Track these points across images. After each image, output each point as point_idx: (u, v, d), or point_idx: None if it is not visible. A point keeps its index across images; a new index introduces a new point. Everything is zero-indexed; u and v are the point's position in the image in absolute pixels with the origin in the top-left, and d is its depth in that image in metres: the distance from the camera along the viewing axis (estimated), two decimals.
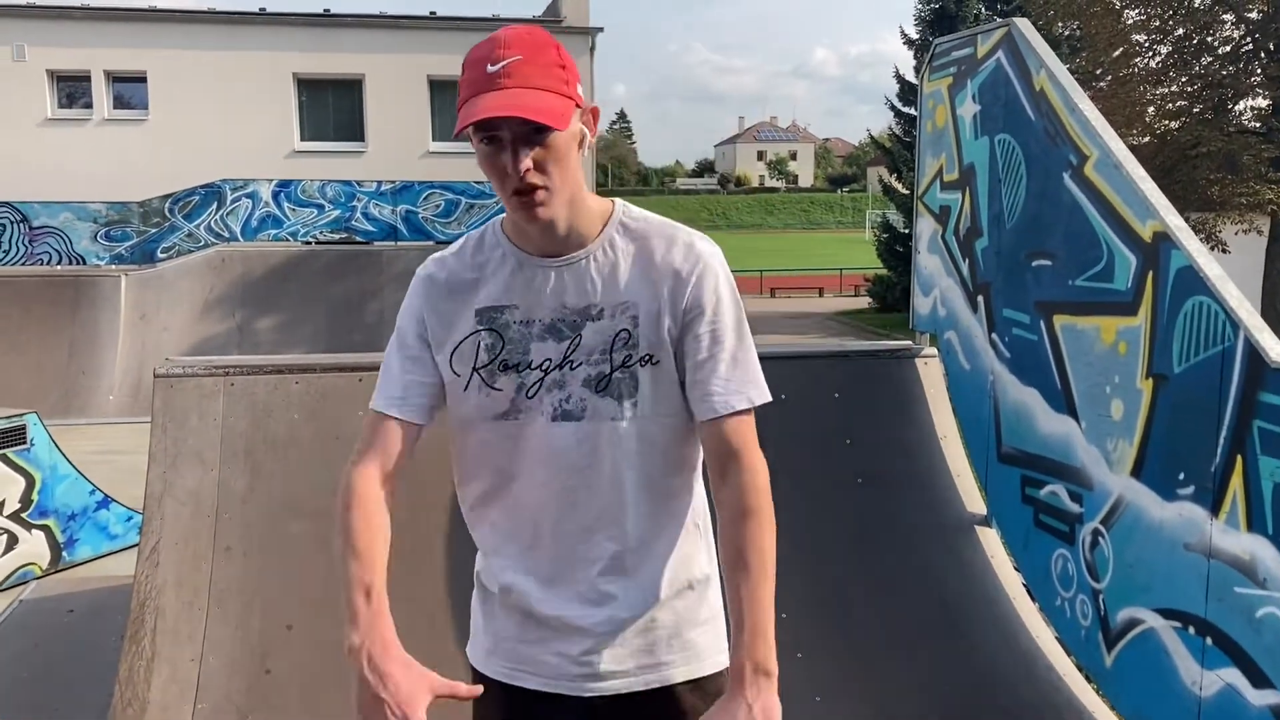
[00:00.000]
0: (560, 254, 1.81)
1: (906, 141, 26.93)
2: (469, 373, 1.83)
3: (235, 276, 15.89)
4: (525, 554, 1.87)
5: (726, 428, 1.78)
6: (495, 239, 1.89)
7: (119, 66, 21.38)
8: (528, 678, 1.90)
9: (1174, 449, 3.48)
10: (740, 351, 1.81)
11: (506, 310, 1.83)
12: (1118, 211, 3.72)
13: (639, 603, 1.86)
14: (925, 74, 5.16)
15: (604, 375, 1.79)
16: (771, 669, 1.69)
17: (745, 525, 1.74)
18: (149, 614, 3.83)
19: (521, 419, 1.81)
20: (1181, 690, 3.44)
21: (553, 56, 1.69)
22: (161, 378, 4.17)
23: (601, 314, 1.79)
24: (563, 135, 1.68)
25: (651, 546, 1.85)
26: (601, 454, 1.80)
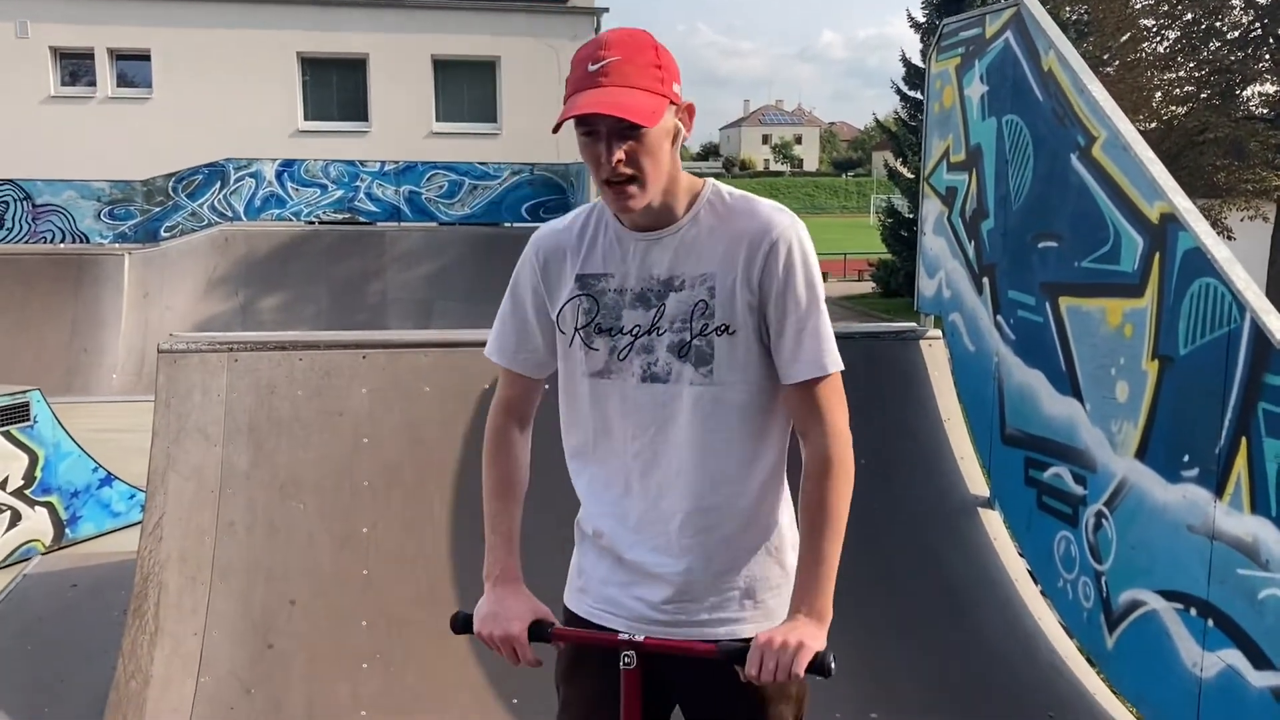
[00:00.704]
0: (654, 228, 1.96)
1: (912, 126, 26.81)
2: (572, 332, 2.01)
3: (238, 256, 15.87)
4: (617, 503, 2.03)
5: (808, 392, 1.93)
6: (601, 213, 2.03)
7: (122, 44, 21.30)
8: (611, 618, 2.04)
9: (1178, 431, 3.48)
10: (811, 319, 1.92)
11: (603, 278, 1.99)
12: (1125, 193, 3.70)
13: (715, 559, 1.99)
14: (933, 54, 5.13)
15: (685, 342, 1.93)
16: (826, 616, 1.87)
17: (822, 482, 1.91)
18: (152, 588, 3.84)
19: (613, 378, 1.98)
20: (1182, 671, 3.45)
21: (650, 57, 1.83)
22: (165, 353, 4.17)
23: (682, 285, 1.94)
24: (653, 131, 1.81)
25: (729, 506, 1.98)
26: (682, 415, 1.94)
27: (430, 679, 3.84)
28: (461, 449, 4.29)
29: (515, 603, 2.01)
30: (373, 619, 3.95)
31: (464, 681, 3.85)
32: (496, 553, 2.07)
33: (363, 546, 4.08)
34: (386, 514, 4.15)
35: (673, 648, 1.94)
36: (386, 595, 4.01)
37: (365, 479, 4.18)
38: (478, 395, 4.39)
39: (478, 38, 21.95)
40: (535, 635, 1.98)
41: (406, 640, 3.93)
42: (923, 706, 3.93)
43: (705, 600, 1.99)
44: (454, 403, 4.35)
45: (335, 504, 4.13)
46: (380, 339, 4.60)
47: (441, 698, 3.80)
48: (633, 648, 1.91)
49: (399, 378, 4.35)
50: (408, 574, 4.07)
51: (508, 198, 17.17)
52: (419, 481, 4.23)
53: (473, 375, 4.41)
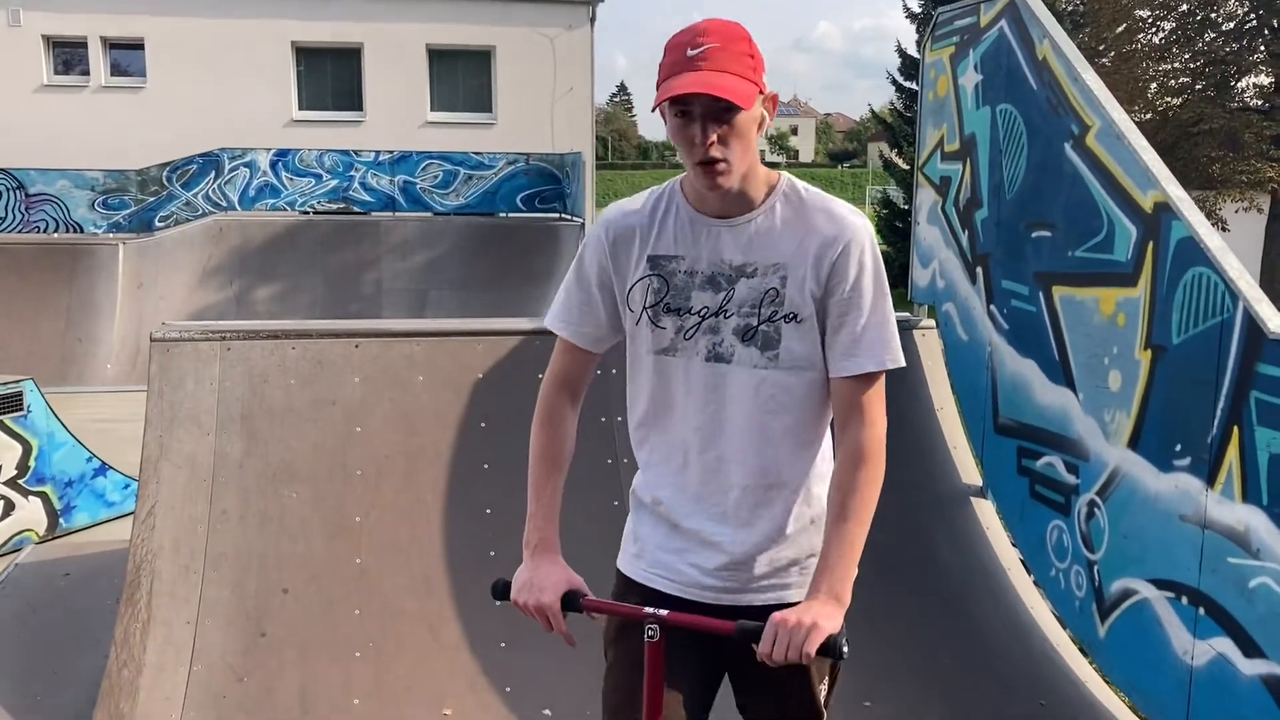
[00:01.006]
0: (728, 215, 2.04)
1: (908, 117, 26.81)
2: (640, 310, 2.09)
3: (233, 246, 15.82)
4: (676, 474, 2.12)
5: (854, 386, 2.02)
6: (673, 197, 2.10)
7: (116, 33, 21.18)
8: (664, 582, 2.15)
9: (1171, 420, 3.48)
10: (879, 318, 2.01)
11: (674, 260, 2.07)
12: (1119, 182, 3.70)
13: (767, 531, 2.09)
14: (927, 43, 5.12)
15: (751, 327, 2.03)
16: (845, 597, 1.94)
17: (854, 472, 1.98)
18: (145, 577, 3.83)
19: (678, 356, 2.07)
20: (1173, 660, 3.46)
21: (744, 47, 1.91)
22: (158, 342, 4.16)
23: (755, 272, 2.02)
24: (746, 115, 1.90)
25: (782, 483, 2.08)
26: (742, 395, 2.04)
27: (423, 667, 3.84)
28: (454, 438, 4.28)
29: (550, 571, 2.06)
30: (365, 607, 3.95)
31: (457, 670, 3.85)
32: (536, 521, 2.13)
33: (355, 535, 4.07)
34: (379, 503, 4.15)
35: (693, 624, 2.01)
36: (379, 584, 4.01)
37: (358, 468, 4.18)
38: (470, 384, 4.39)
39: (473, 27, 21.85)
40: (568, 605, 2.04)
41: (399, 629, 3.93)
42: (916, 695, 3.94)
43: (757, 569, 2.10)
44: (446, 392, 4.35)
45: (328, 493, 4.12)
46: (373, 328, 4.60)
47: (435, 686, 3.80)
48: (656, 622, 1.97)
49: (391, 367, 4.35)
50: (400, 563, 4.07)
51: (503, 188, 17.12)
52: (411, 470, 4.23)
53: (465, 364, 4.41)
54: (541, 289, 15.23)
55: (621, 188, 71.69)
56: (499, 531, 4.17)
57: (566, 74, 21.78)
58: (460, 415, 4.33)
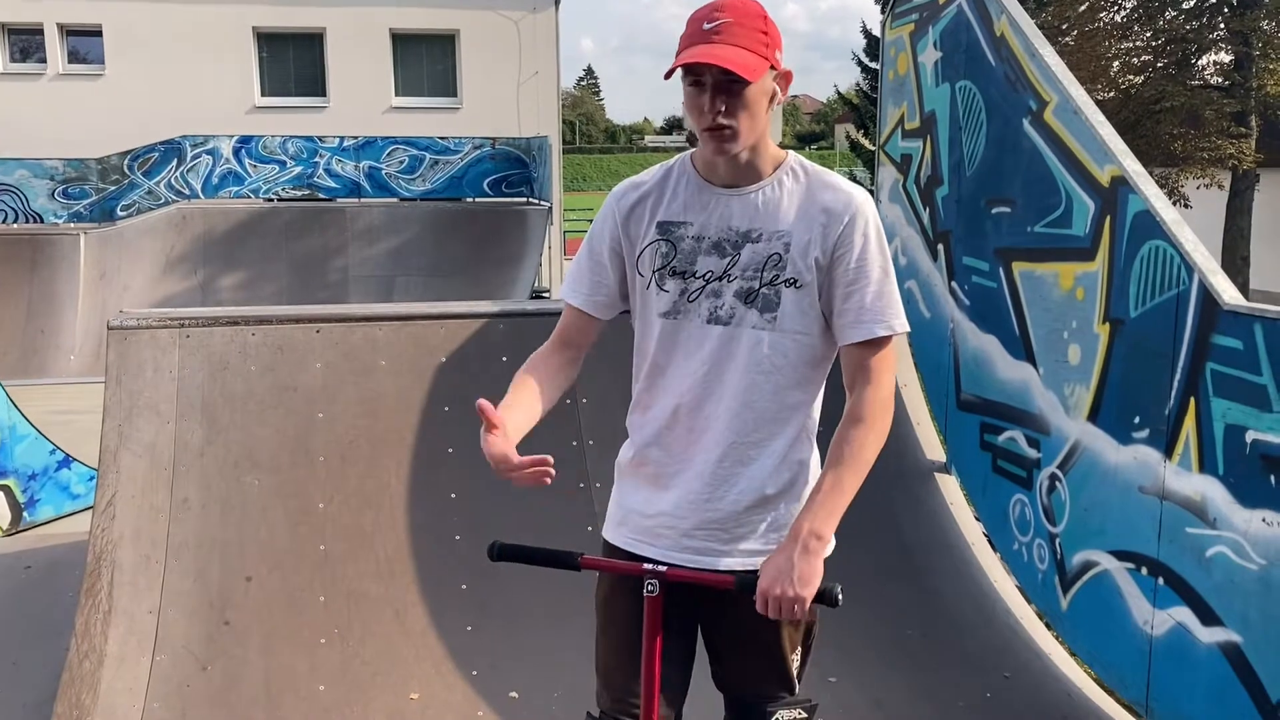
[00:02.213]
0: (737, 185, 2.12)
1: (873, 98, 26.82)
2: (650, 274, 2.16)
3: (197, 234, 15.68)
4: (664, 432, 2.17)
5: (863, 351, 2.08)
6: (682, 168, 2.19)
7: (73, 19, 20.86)
8: (647, 547, 2.19)
9: (1129, 393, 3.51)
10: (886, 285, 2.08)
11: (682, 226, 2.15)
12: (1076, 157, 3.72)
13: (750, 491, 2.14)
14: (888, 21, 5.13)
15: (753, 290, 2.09)
16: (825, 535, 1.97)
17: (854, 428, 2.04)
18: (105, 567, 3.79)
19: (680, 319, 2.14)
20: (1134, 630, 3.50)
21: (759, 24, 2.00)
22: (116, 330, 4.11)
23: (760, 238, 2.10)
24: (754, 88, 1.98)
25: (768, 445, 2.14)
26: (739, 356, 2.10)
27: (388, 653, 3.82)
28: (418, 422, 4.26)
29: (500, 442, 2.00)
30: (330, 594, 3.93)
31: (423, 655, 3.83)
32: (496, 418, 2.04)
33: (319, 522, 4.05)
34: (343, 489, 4.12)
35: (693, 579, 2.07)
36: (343, 570, 3.99)
37: (321, 454, 4.15)
38: (433, 368, 4.36)
39: (437, 11, 21.67)
40: (564, 564, 2.08)
41: (364, 614, 3.91)
42: (881, 669, 3.96)
43: (732, 530, 2.14)
44: (409, 376, 4.32)
45: (291, 479, 4.09)
46: (334, 313, 4.56)
47: (400, 671, 3.78)
48: (656, 577, 2.03)
49: (353, 351, 4.31)
50: (365, 549, 4.04)
51: (469, 172, 17.04)
52: (375, 456, 4.20)
53: (429, 348, 4.38)
54: (510, 273, 15.18)
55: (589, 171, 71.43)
56: (464, 515, 4.15)
57: (532, 57, 21.66)
58: (423, 399, 4.31)
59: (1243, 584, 3.04)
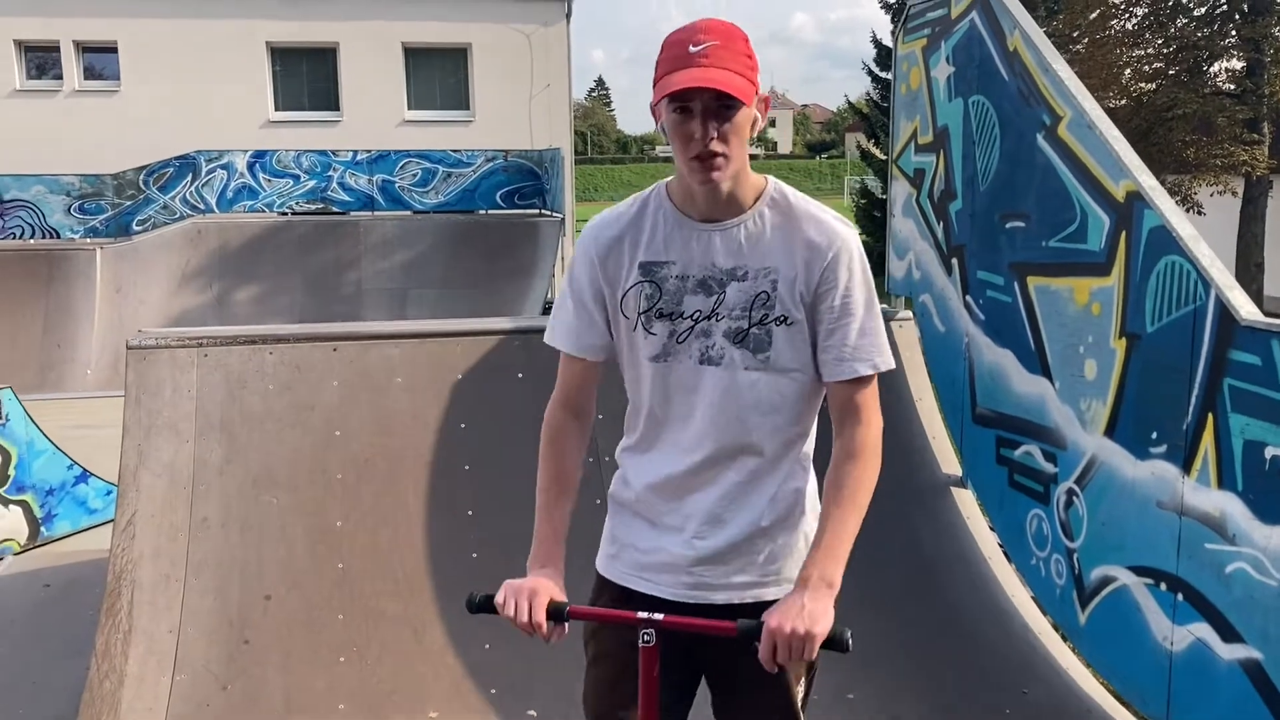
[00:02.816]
0: (718, 219, 2.05)
1: (884, 107, 26.84)
2: (635, 317, 2.09)
3: (211, 248, 15.75)
4: (660, 472, 2.13)
5: (849, 389, 2.05)
6: (659, 202, 2.11)
7: (89, 36, 21.01)
8: (641, 582, 2.15)
9: (1146, 408, 3.50)
10: (869, 321, 2.04)
11: (665, 265, 2.07)
12: (1091, 172, 3.72)
13: (748, 526, 2.10)
14: (899, 36, 5.14)
15: (742, 330, 2.04)
16: (834, 581, 1.93)
17: (848, 465, 2.02)
18: (126, 587, 3.82)
19: (670, 361, 2.08)
20: (1153, 645, 3.48)
21: (743, 47, 1.94)
22: (135, 349, 4.14)
23: (746, 275, 2.03)
24: (744, 112, 1.93)
25: (765, 480, 2.10)
26: (732, 397, 2.05)
27: (407, 671, 3.84)
28: (434, 440, 4.28)
29: (541, 583, 2.03)
30: (348, 612, 3.94)
31: (441, 673, 3.85)
32: (545, 544, 2.12)
33: (337, 540, 4.06)
34: (360, 507, 4.14)
35: (691, 626, 2.00)
36: (361, 588, 4.01)
37: (338, 472, 4.17)
38: (450, 386, 4.38)
39: (449, 25, 21.76)
40: (552, 615, 2.01)
41: (382, 633, 3.92)
42: (898, 686, 3.96)
43: (731, 563, 2.10)
44: (426, 394, 4.34)
45: (308, 498, 4.11)
46: (351, 331, 4.59)
47: (419, 689, 3.79)
48: (651, 626, 1.96)
49: (370, 370, 4.34)
50: (382, 567, 4.06)
51: (481, 185, 17.09)
52: (392, 474, 4.22)
53: (445, 366, 4.40)
54: (523, 285, 15.21)
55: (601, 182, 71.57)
56: (481, 533, 4.16)
57: (543, 70, 21.72)
58: (440, 417, 4.32)
59: (1263, 600, 3.03)
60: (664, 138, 1.99)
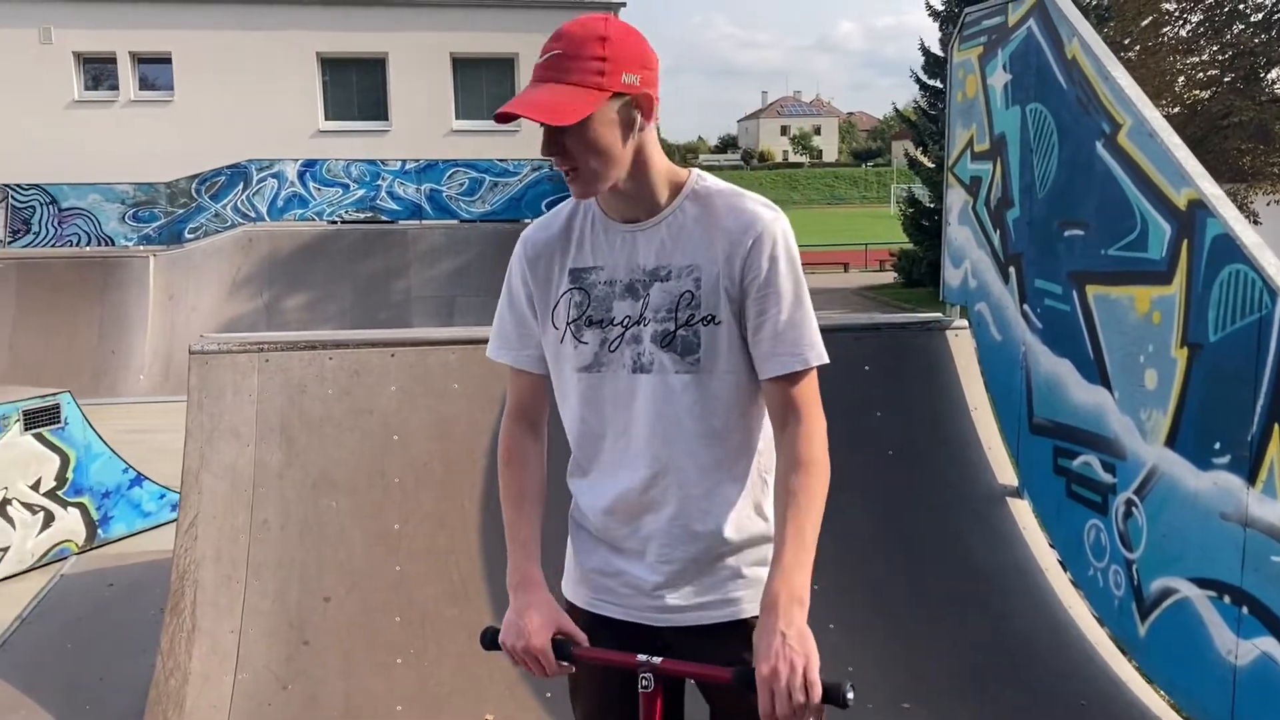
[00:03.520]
0: (638, 219, 1.96)
1: (932, 115, 26.69)
2: (564, 327, 2.01)
3: (262, 256, 15.96)
4: (608, 493, 2.03)
5: (784, 386, 1.92)
6: (587, 206, 2.03)
7: (144, 48, 21.46)
8: (609, 606, 2.08)
9: (1209, 418, 3.46)
10: (797, 314, 1.92)
11: (593, 271, 2.00)
12: (1152, 180, 3.69)
13: (707, 545, 2.00)
14: (955, 44, 5.12)
15: (669, 332, 1.94)
16: (805, 598, 1.81)
17: (797, 473, 1.88)
18: (189, 587, 3.89)
19: (604, 371, 1.99)
20: (1216, 659, 3.44)
21: (593, 50, 1.80)
22: (197, 354, 4.22)
23: (669, 275, 1.94)
24: (590, 126, 1.80)
25: (717, 494, 1.99)
26: (667, 405, 1.95)
27: (463, 673, 3.87)
28: (489, 445, 4.31)
29: (535, 613, 1.96)
30: (405, 615, 3.99)
31: (496, 676, 3.88)
32: (515, 559, 2.05)
33: (395, 543, 4.11)
34: (417, 510, 4.18)
35: (689, 673, 1.92)
36: (418, 591, 4.05)
37: (396, 476, 4.22)
38: (504, 391, 4.41)
39: (496, 35, 21.97)
40: (558, 654, 1.96)
41: (439, 635, 3.96)
42: (954, 696, 3.94)
43: (699, 582, 2.01)
44: (481, 399, 4.38)
45: (367, 501, 4.17)
46: (408, 337, 4.64)
47: (476, 691, 3.83)
48: (650, 670, 1.87)
49: (427, 375, 4.38)
50: (439, 570, 4.10)
51: (528, 194, 17.20)
52: (448, 478, 4.26)
53: (500, 372, 4.40)
54: None
55: None
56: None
57: None
58: (495, 422, 4.36)
59: None
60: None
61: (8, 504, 5.91)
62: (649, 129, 1.90)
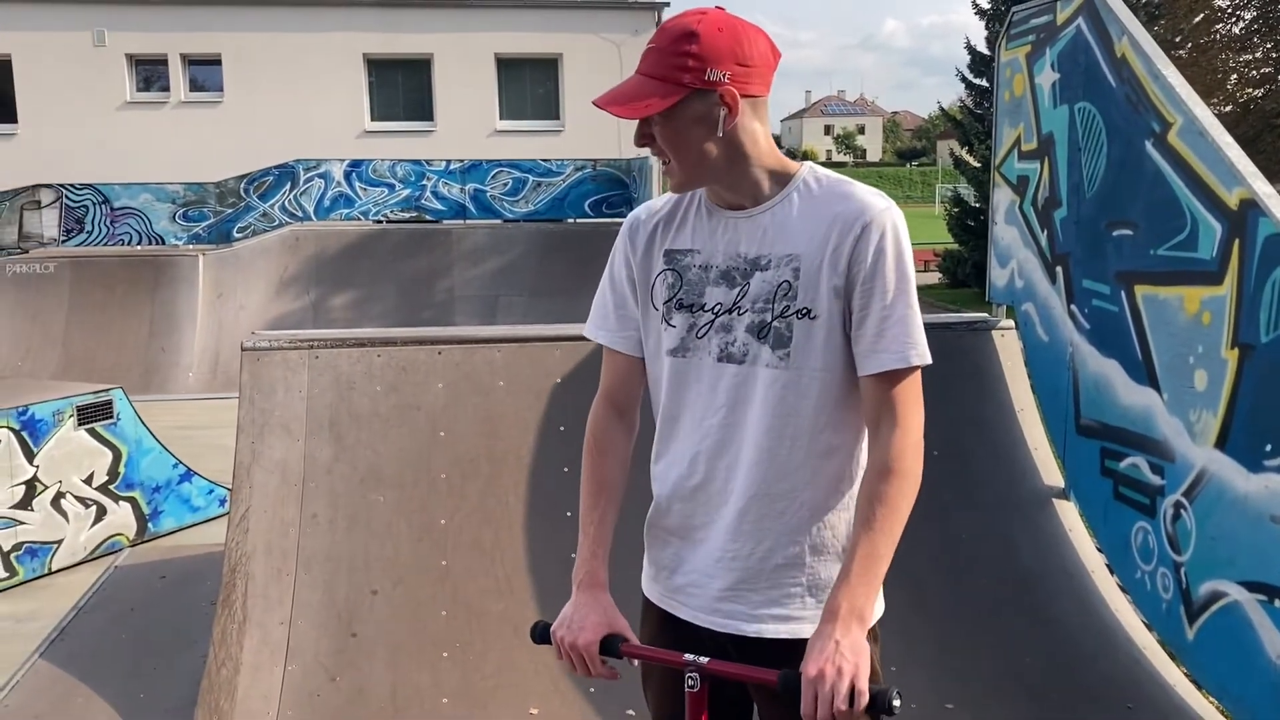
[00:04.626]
0: (744, 206, 1.94)
1: (977, 114, 26.43)
2: (660, 308, 2.00)
3: (309, 255, 16.14)
4: (684, 484, 1.99)
5: (882, 385, 1.86)
6: (697, 191, 2.01)
7: (194, 50, 21.79)
8: (678, 606, 2.03)
9: (1260, 420, 3.42)
10: (903, 309, 1.86)
11: (689, 254, 1.98)
12: (1202, 179, 3.65)
13: (781, 548, 1.93)
14: (1002, 42, 5.09)
15: (765, 323, 1.89)
16: (867, 615, 1.77)
17: (883, 481, 1.82)
18: (240, 579, 3.95)
19: (689, 357, 1.96)
20: (1266, 664, 3.40)
21: (681, 45, 1.80)
22: (249, 351, 4.29)
23: (768, 264, 1.90)
24: (674, 119, 1.82)
25: (797, 496, 1.92)
26: (754, 398, 1.90)
27: (509, 667, 3.91)
28: (535, 442, 4.35)
29: (591, 612, 1.94)
30: (451, 609, 4.03)
31: (541, 671, 3.91)
32: (583, 554, 2.02)
33: (441, 537, 4.16)
34: (463, 506, 4.23)
35: (734, 674, 1.87)
36: (464, 585, 4.09)
37: (442, 472, 4.27)
38: (549, 389, 4.45)
39: (540, 35, 22.09)
40: (606, 650, 1.94)
41: (485, 629, 4.00)
42: (998, 698, 3.92)
43: (764, 592, 1.94)
44: (527, 396, 4.42)
45: (414, 496, 4.22)
46: (455, 335, 4.69)
47: (520, 686, 3.86)
48: (697, 670, 1.84)
49: (473, 373, 4.43)
50: (485, 565, 4.14)
51: (571, 194, 17.27)
52: (494, 474, 4.31)
53: (545, 370, 4.48)
54: None
55: None
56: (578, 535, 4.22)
57: None
58: (540, 420, 4.40)
59: None
60: None
61: (61, 497, 6.03)
62: (750, 122, 1.86)
